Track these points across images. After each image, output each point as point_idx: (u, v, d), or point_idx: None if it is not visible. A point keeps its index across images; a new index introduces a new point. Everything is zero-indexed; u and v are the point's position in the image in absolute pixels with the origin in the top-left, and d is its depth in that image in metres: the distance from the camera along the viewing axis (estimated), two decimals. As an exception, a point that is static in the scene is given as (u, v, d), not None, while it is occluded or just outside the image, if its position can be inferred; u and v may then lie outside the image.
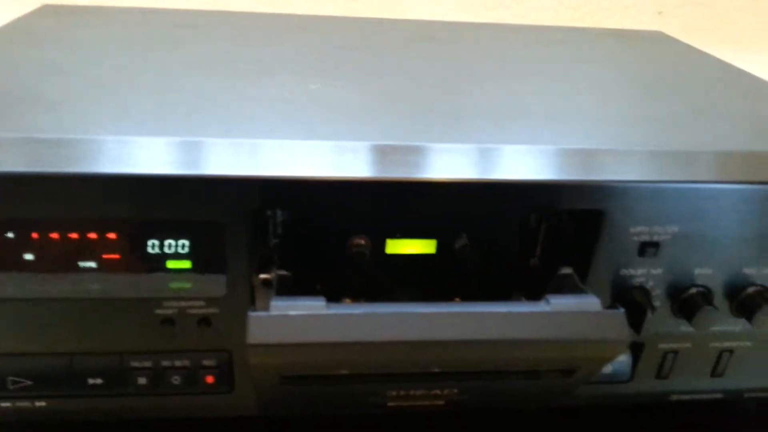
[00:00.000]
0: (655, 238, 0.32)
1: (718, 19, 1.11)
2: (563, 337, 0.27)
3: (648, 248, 0.32)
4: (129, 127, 0.32)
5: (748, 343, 0.37)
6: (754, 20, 1.11)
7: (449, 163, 0.31)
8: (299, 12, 0.79)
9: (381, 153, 0.31)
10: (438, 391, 0.31)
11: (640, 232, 0.31)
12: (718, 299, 0.34)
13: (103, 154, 0.29)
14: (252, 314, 0.25)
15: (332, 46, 0.51)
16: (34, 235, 0.29)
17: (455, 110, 0.38)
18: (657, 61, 0.55)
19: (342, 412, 0.36)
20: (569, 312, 0.27)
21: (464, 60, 0.51)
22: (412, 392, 0.31)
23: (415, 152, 0.32)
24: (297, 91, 0.39)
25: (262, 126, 0.34)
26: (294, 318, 0.25)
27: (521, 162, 0.32)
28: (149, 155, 0.29)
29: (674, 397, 0.38)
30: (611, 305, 0.33)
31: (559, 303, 0.28)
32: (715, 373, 0.37)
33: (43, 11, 0.56)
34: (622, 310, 0.28)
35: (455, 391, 0.31)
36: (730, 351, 0.37)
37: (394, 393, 0.31)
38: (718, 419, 0.41)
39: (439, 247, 0.34)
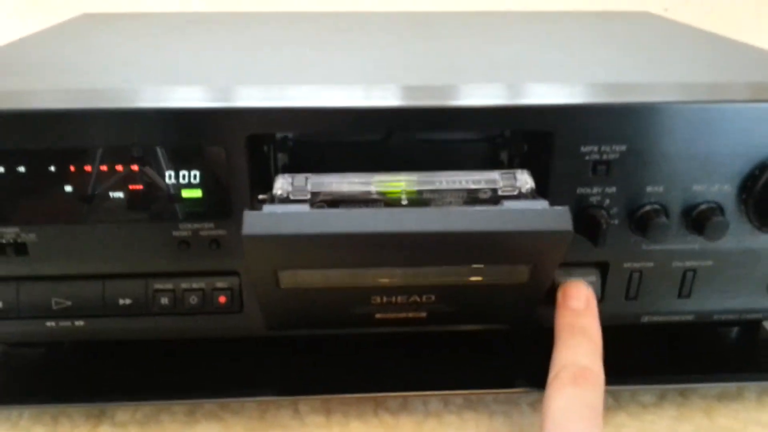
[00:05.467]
0: (605, 157, 0.36)
1: (720, 14, 1.14)
2: (512, 228, 0.31)
3: (599, 166, 0.36)
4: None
5: (710, 262, 0.40)
6: (755, 15, 1.13)
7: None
8: (302, 9, 0.85)
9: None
10: (417, 298, 0.36)
11: (590, 151, 0.35)
12: (673, 217, 0.38)
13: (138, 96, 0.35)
14: (246, 212, 0.30)
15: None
16: (71, 168, 0.35)
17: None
18: (640, 31, 0.59)
19: (334, 328, 0.40)
20: (519, 209, 0.32)
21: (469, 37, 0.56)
22: (394, 299, 0.36)
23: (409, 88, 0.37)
24: (295, 60, 0.45)
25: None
26: (280, 215, 0.30)
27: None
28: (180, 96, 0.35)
29: (646, 318, 0.41)
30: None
31: (512, 204, 0.32)
32: (681, 294, 0.41)
33: (84, 18, 0.64)
34: (566, 207, 0.32)
35: (432, 298, 0.36)
36: (694, 270, 0.40)
37: (377, 300, 0.35)
38: (689, 341, 0.44)
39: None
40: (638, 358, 0.44)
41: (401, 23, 0.63)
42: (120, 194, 0.35)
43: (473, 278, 0.34)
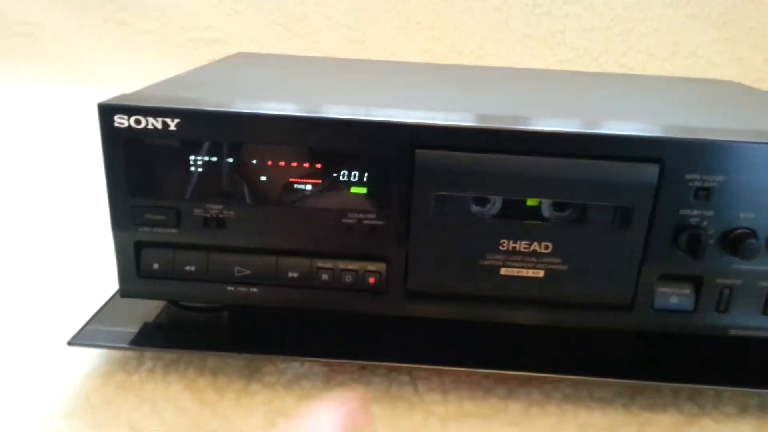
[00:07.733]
0: (706, 185, 0.43)
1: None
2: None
3: (700, 192, 0.43)
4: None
5: (793, 285, 0.46)
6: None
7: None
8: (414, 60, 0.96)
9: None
10: (536, 246, 0.43)
11: (693, 178, 0.42)
12: (762, 240, 0.44)
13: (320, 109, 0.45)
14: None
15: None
16: (268, 162, 0.44)
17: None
18: (728, 93, 0.66)
19: (466, 286, 0.46)
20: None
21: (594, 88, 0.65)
22: (518, 244, 0.43)
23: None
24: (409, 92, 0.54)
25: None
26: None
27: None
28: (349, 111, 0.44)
29: (732, 332, 0.47)
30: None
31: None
32: (765, 312, 0.46)
33: (239, 55, 0.75)
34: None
35: (549, 247, 0.44)
36: (777, 292, 0.46)
37: (505, 244, 0.43)
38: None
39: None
40: (727, 368, 0.50)
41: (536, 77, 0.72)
42: (303, 186, 0.44)
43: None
